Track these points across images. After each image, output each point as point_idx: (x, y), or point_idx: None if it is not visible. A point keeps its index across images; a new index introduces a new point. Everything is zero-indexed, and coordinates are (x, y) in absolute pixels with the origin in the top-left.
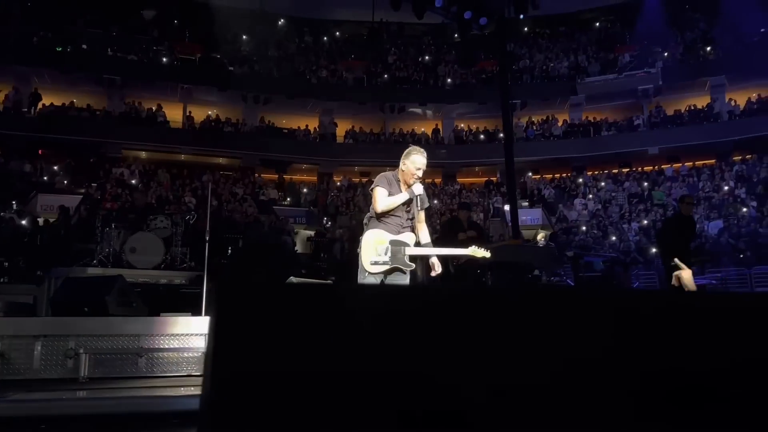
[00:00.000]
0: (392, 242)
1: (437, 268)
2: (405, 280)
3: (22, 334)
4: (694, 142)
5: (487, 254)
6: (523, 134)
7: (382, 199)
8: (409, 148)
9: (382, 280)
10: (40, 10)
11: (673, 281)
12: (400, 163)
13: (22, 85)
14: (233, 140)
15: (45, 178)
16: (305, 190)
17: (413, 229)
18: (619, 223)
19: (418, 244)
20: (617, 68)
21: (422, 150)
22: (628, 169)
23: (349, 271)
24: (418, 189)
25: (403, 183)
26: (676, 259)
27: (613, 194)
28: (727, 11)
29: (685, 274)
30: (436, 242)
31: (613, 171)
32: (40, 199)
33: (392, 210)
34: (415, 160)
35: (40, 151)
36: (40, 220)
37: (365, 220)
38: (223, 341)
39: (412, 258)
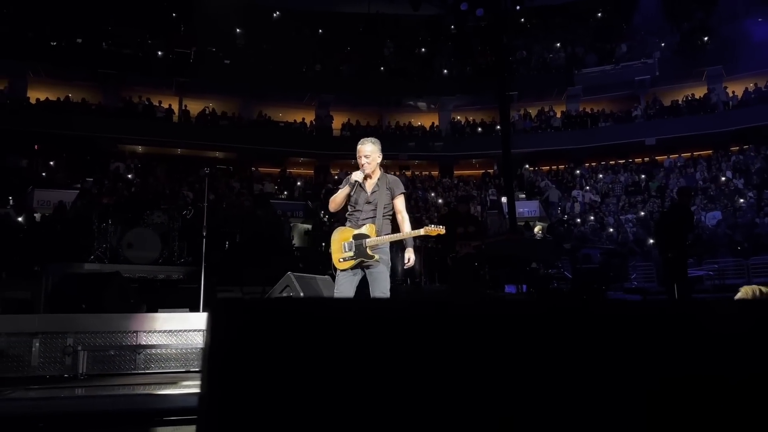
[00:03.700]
0: (355, 236)
1: (409, 260)
2: (381, 269)
3: (20, 332)
4: (691, 132)
5: (442, 230)
6: (521, 126)
7: (331, 199)
8: None
9: (363, 275)
10: (34, 5)
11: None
12: None
13: (17, 80)
14: (229, 134)
15: (44, 174)
16: (299, 183)
17: (376, 220)
18: (617, 215)
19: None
20: (614, 59)
21: (366, 138)
22: (624, 161)
23: None
24: (356, 176)
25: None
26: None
27: (611, 186)
28: (724, 0)
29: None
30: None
31: (611, 162)
32: (37, 194)
33: (353, 205)
34: (358, 149)
35: (36, 147)
36: (37, 216)
37: None
38: (218, 353)
39: (390, 248)
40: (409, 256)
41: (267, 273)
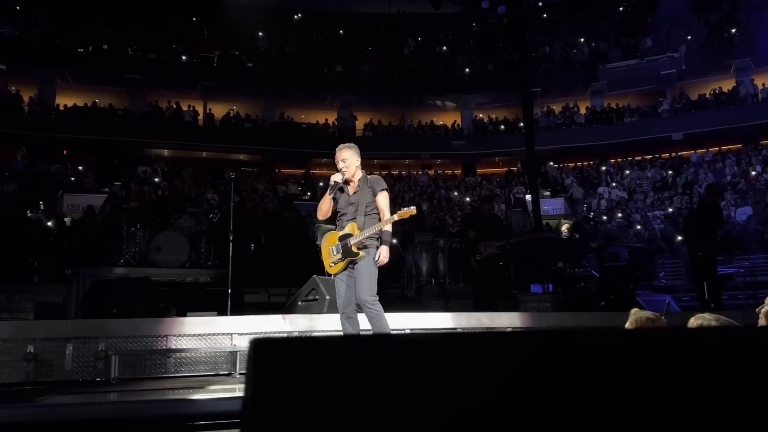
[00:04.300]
0: (340, 238)
1: (379, 256)
2: (364, 264)
3: (53, 337)
4: (719, 126)
5: (413, 210)
6: (544, 123)
7: (318, 208)
8: None
9: (350, 275)
10: (61, 11)
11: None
12: None
13: (45, 86)
14: (253, 136)
15: (72, 179)
16: (321, 183)
17: (357, 219)
18: (644, 211)
19: None
20: (639, 53)
21: (343, 144)
22: (651, 156)
23: None
24: (334, 178)
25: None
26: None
27: (638, 182)
28: None
29: None
30: (457, 235)
31: (637, 158)
32: (66, 199)
33: (339, 210)
34: (336, 155)
35: (65, 152)
36: (67, 220)
37: None
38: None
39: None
40: (380, 252)
41: (293, 274)
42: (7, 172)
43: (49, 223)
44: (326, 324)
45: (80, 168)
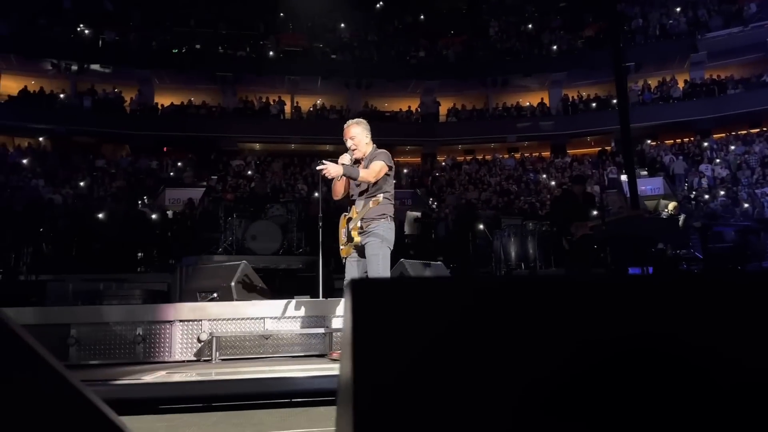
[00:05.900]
0: (347, 221)
1: (327, 167)
2: (371, 250)
3: (159, 320)
4: None
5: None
6: (639, 98)
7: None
8: None
9: (357, 260)
10: (155, 15)
11: None
12: None
13: (145, 87)
14: (339, 127)
15: (171, 173)
16: (405, 171)
17: (356, 202)
18: (752, 188)
19: None
20: (742, 20)
21: (351, 120)
22: (758, 130)
23: (456, 250)
24: (341, 159)
25: None
26: None
27: (744, 157)
28: None
29: None
30: (546, 217)
31: (742, 132)
32: (168, 193)
33: (351, 192)
34: (344, 132)
35: (164, 149)
36: (169, 213)
37: None
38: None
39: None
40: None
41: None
42: (113, 169)
43: (154, 216)
44: None
45: (179, 164)
